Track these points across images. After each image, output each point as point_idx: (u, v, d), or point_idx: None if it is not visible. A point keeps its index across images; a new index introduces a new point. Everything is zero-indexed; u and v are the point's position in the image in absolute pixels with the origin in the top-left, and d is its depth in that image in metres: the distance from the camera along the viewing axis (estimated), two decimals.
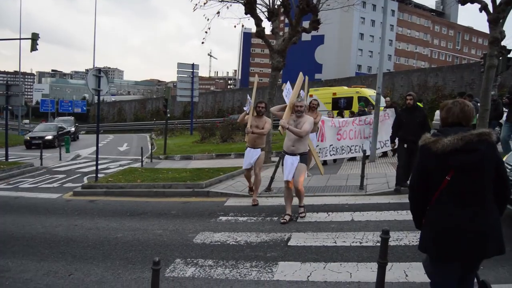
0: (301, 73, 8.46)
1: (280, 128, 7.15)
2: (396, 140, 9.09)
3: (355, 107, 20.51)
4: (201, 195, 10.12)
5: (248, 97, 9.30)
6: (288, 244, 6.12)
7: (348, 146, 12.81)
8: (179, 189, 10.57)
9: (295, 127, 7.10)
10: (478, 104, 11.71)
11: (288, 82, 8.40)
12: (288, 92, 7.84)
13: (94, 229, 7.43)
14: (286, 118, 7.26)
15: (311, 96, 21.05)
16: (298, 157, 7.15)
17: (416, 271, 4.79)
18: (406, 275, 4.74)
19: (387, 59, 68.29)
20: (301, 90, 10.00)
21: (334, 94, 23.08)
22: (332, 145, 12.55)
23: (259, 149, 8.90)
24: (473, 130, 2.98)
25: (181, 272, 5.27)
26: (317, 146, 11.63)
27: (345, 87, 24.71)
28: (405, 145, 8.51)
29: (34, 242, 6.75)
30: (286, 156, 7.26)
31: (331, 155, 12.75)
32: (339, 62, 67.12)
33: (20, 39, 33.10)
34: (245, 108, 9.31)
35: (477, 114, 11.18)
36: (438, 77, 29.27)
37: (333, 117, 13.98)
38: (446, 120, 3.17)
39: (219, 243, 6.36)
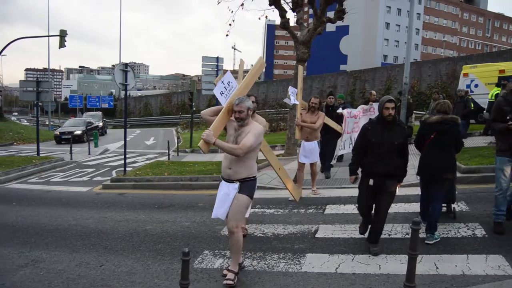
0: (260, 56, 5.86)
1: (200, 143, 4.66)
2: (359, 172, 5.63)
3: None
4: None
5: (220, 85, 5.18)
6: (316, 236, 6.09)
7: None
8: (206, 181, 10.64)
9: (234, 140, 4.75)
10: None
11: (228, 72, 5.27)
12: (228, 88, 5.02)
13: (123, 222, 7.56)
14: (216, 128, 4.77)
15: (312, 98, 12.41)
16: (236, 186, 4.72)
17: (447, 264, 4.71)
18: (437, 268, 4.66)
19: (414, 48, 66.93)
20: (290, 87, 8.35)
21: (502, 71, 17.45)
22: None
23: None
24: (449, 115, 5.70)
25: (210, 264, 5.32)
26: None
27: None
28: (371, 182, 5.32)
29: (66, 234, 6.92)
30: (222, 183, 4.89)
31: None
32: (365, 53, 66.12)
33: (48, 36, 33.74)
34: (219, 93, 5.30)
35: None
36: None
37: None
38: (440, 110, 5.77)
39: (246, 234, 6.38)
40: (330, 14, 15.65)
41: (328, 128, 9.68)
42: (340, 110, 9.91)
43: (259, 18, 17.28)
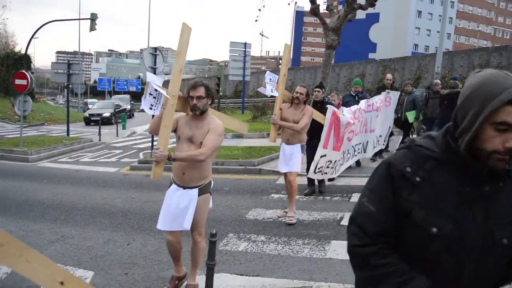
0: None
1: None
2: None
3: None
4: (253, 172, 10.20)
5: (152, 78, 4.38)
6: (341, 223, 6.07)
7: (352, 147, 7.98)
8: (232, 166, 10.70)
9: None
10: (417, 94, 10.87)
11: None
12: None
13: (150, 202, 7.68)
14: None
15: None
16: None
17: None
18: None
19: (447, 37, 65.20)
20: (268, 73, 6.41)
21: None
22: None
23: (196, 190, 4.27)
24: (456, 89, 9.21)
25: (234, 246, 5.37)
26: (324, 156, 6.74)
27: None
28: None
29: (95, 212, 7.08)
30: None
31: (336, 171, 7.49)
32: (395, 41, 64.78)
33: (79, 19, 34.27)
34: (148, 108, 4.25)
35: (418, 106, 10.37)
36: (502, 56, 27.62)
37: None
38: (450, 86, 9.41)
39: (271, 220, 6.41)
40: (361, 1, 15.36)
41: (314, 131, 6.78)
42: (340, 110, 7.06)
43: (289, 4, 17.11)
